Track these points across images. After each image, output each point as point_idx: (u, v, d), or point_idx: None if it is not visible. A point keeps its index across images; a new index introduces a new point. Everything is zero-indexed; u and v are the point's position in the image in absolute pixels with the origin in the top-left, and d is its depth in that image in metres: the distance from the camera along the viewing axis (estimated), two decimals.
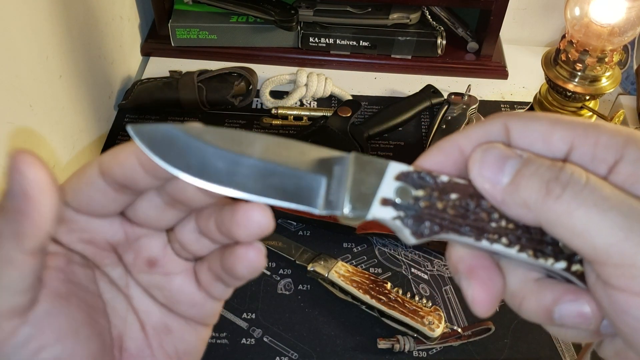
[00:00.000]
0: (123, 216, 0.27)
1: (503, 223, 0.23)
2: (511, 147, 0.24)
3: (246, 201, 0.23)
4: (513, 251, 0.23)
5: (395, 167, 0.23)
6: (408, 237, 0.23)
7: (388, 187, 0.23)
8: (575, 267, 0.23)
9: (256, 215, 0.24)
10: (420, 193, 0.23)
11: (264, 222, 0.24)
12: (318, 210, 0.23)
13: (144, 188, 0.25)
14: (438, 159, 0.25)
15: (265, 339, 0.58)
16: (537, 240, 0.23)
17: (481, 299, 0.23)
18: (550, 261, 0.23)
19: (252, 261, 0.25)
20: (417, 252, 0.66)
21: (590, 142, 0.22)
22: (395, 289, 0.59)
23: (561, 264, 0.23)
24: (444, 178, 0.23)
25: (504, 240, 0.23)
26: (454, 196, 0.23)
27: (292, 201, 0.22)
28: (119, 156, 0.24)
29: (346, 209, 0.23)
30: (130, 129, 0.22)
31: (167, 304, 0.28)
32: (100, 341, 0.26)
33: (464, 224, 0.23)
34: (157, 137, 0.22)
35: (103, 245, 0.27)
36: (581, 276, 0.23)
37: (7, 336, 0.23)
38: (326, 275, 0.60)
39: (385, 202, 0.23)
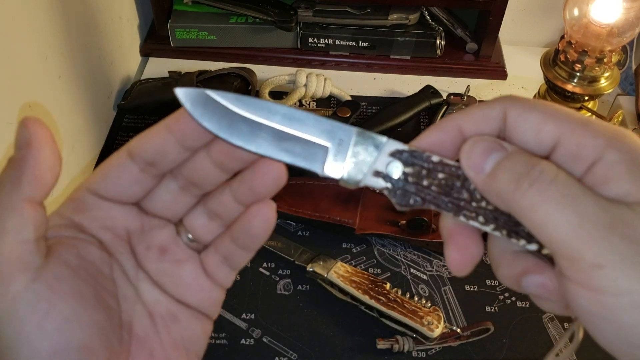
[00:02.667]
0: (140, 209, 0.29)
1: (483, 204, 0.25)
2: (506, 133, 0.25)
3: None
4: (488, 228, 0.25)
5: (391, 144, 0.26)
6: (394, 204, 0.26)
7: (382, 161, 0.26)
8: (547, 251, 0.25)
9: (274, 169, 0.27)
10: (409, 170, 0.26)
11: (280, 176, 0.27)
12: (320, 172, 0.26)
13: (171, 161, 0.28)
14: (438, 136, 0.26)
15: (264, 339, 0.58)
16: (514, 222, 0.25)
17: (454, 260, 0.26)
18: (522, 242, 0.25)
19: (266, 215, 0.28)
20: (416, 252, 0.66)
21: (575, 140, 0.23)
22: (395, 289, 0.59)
23: (532, 246, 0.25)
24: (435, 158, 0.26)
25: (480, 218, 0.25)
26: (441, 175, 0.25)
27: (300, 162, 0.26)
28: (149, 132, 0.27)
29: (344, 174, 0.26)
30: (178, 91, 0.26)
31: (175, 293, 0.30)
32: (107, 315, 0.27)
33: (446, 201, 0.25)
34: (198, 100, 0.26)
35: (121, 234, 0.29)
36: (551, 259, 0.25)
37: (20, 291, 0.24)
38: (325, 275, 0.60)
39: (377, 174, 0.26)
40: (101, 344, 0.26)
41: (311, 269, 0.60)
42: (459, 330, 0.58)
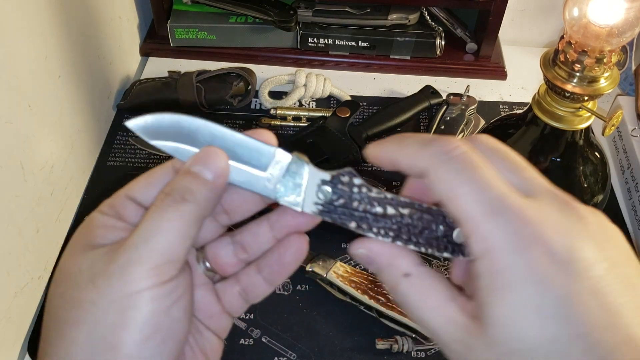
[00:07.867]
0: None
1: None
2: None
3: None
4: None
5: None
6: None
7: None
8: None
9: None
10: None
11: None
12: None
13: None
14: (386, 157, 0.30)
15: (263, 340, 0.58)
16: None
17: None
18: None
19: (301, 246, 0.31)
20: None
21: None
22: None
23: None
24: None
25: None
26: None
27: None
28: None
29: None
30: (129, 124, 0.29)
31: None
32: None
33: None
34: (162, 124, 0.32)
35: None
36: None
37: (159, 282, 0.26)
38: (325, 275, 0.60)
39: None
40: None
41: (310, 269, 0.60)
42: None
